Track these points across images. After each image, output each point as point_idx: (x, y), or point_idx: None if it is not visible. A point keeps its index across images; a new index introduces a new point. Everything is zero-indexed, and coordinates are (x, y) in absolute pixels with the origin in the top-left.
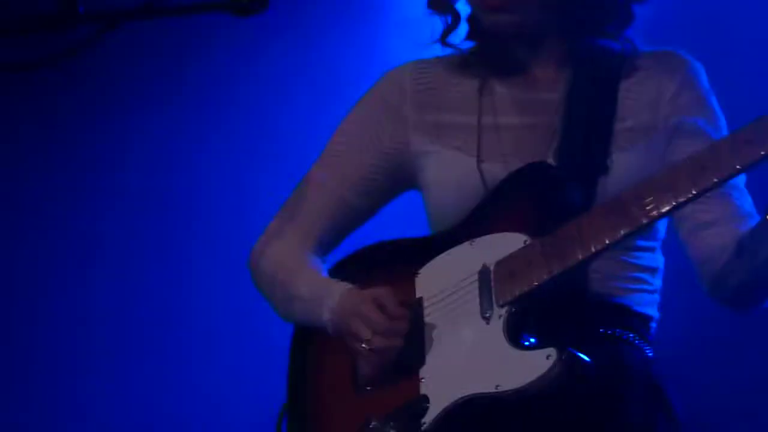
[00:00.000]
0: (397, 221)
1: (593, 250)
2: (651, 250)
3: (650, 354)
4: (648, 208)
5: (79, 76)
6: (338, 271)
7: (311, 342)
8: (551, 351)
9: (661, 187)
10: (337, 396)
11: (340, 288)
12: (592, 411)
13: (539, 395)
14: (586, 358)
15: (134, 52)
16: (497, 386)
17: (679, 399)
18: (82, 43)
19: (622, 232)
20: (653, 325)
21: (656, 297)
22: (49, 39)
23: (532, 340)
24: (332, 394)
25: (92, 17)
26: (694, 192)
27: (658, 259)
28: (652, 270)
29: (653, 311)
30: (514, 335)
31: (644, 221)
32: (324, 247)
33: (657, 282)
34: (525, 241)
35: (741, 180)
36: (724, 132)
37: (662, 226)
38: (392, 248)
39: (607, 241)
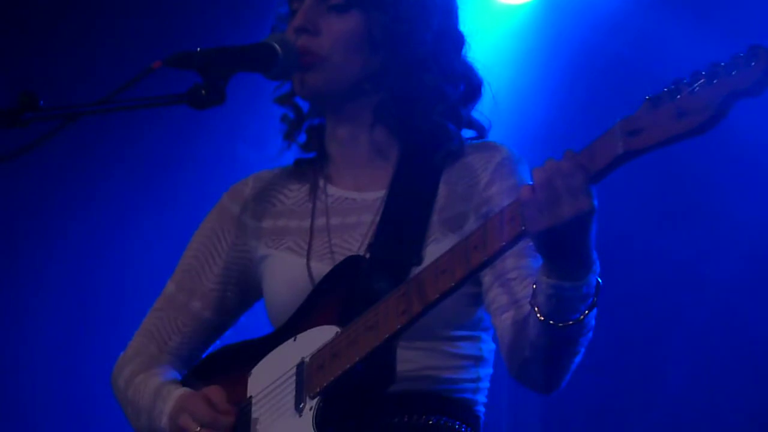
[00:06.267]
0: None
1: (386, 336)
2: (472, 339)
3: None
4: (428, 290)
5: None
6: (188, 380)
7: None
8: None
9: (441, 269)
10: None
11: (177, 393)
12: None
13: None
14: None
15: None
16: None
17: None
18: (43, 136)
19: (407, 318)
20: (479, 409)
21: (480, 384)
22: (9, 133)
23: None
24: None
25: (52, 111)
26: (467, 272)
27: (482, 348)
28: (475, 358)
29: (478, 397)
30: (323, 426)
31: (422, 307)
32: (183, 360)
33: (482, 370)
34: (337, 333)
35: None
36: None
37: (485, 314)
38: (232, 352)
39: (398, 326)
